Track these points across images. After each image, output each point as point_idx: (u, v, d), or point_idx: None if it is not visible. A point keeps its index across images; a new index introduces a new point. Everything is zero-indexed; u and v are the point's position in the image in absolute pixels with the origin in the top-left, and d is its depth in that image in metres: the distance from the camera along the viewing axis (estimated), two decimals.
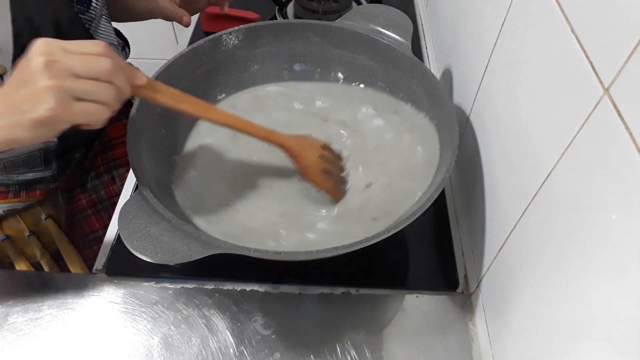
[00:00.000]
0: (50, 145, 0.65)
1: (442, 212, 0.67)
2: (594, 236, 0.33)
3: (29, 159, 0.64)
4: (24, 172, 0.66)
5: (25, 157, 0.64)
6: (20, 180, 0.66)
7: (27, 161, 0.64)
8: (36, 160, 0.65)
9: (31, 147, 0.64)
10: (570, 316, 0.36)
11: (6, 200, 0.67)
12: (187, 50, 0.64)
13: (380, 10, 0.67)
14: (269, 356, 0.53)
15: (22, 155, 0.63)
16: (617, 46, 0.31)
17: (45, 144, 0.65)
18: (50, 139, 0.53)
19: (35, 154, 0.64)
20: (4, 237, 0.70)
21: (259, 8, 0.95)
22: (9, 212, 0.68)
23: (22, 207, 0.69)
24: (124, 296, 0.58)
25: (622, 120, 0.30)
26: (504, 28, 0.51)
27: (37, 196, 0.69)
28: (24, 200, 0.68)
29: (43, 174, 0.67)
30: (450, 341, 0.55)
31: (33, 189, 0.68)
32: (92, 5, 0.64)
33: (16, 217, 0.70)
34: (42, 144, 0.65)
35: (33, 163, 0.65)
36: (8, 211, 0.68)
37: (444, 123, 0.57)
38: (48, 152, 0.65)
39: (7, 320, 0.55)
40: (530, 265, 0.43)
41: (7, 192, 0.67)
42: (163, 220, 0.46)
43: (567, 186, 0.37)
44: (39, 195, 0.69)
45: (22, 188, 0.67)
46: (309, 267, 0.60)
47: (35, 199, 0.69)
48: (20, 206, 0.69)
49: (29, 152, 0.63)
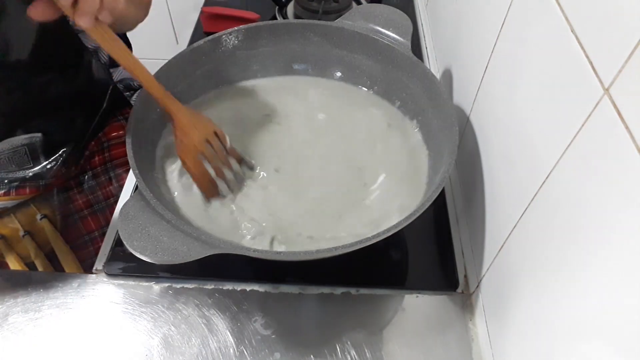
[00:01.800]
0: (35, 140, 0.64)
1: (442, 212, 0.67)
2: (593, 236, 0.33)
3: (13, 154, 0.63)
4: (13, 170, 0.65)
5: (9, 152, 0.63)
6: (9, 178, 0.66)
7: (12, 157, 0.64)
8: (22, 156, 0.64)
9: (14, 143, 0.63)
10: (570, 316, 0.36)
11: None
12: (187, 50, 0.64)
13: (380, 10, 0.67)
14: (269, 356, 0.53)
15: (6, 151, 0.63)
16: (617, 46, 0.31)
17: (29, 139, 0.64)
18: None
19: (20, 149, 0.63)
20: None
21: (259, 8, 0.95)
22: (1, 211, 0.68)
23: (13, 205, 0.69)
24: (124, 296, 0.58)
25: (622, 120, 0.30)
26: (504, 28, 0.51)
27: (27, 194, 0.68)
28: (14, 198, 0.68)
29: (32, 171, 0.67)
30: (450, 341, 0.55)
31: (22, 187, 0.68)
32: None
33: (11, 217, 0.70)
34: (25, 139, 0.64)
35: (20, 160, 0.65)
36: (0, 210, 0.68)
37: (443, 123, 0.57)
38: (34, 148, 0.65)
39: (7, 320, 0.55)
40: (530, 265, 0.43)
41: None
42: (163, 221, 0.46)
43: (567, 186, 0.37)
44: (29, 193, 0.69)
45: (11, 186, 0.67)
46: (309, 267, 0.60)
47: (25, 197, 0.69)
48: (10, 204, 0.68)
49: (12, 148, 0.63)
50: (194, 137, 0.56)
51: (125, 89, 0.83)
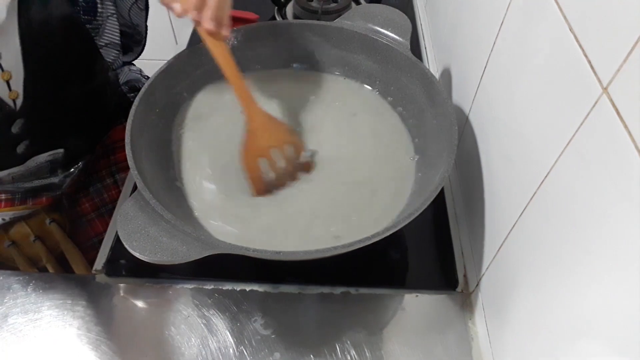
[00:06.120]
0: (58, 156, 0.65)
1: (441, 211, 0.67)
2: (592, 235, 0.33)
3: (37, 170, 0.64)
4: (30, 180, 0.66)
5: (34, 169, 0.64)
6: (27, 188, 0.66)
7: (34, 172, 0.65)
8: (44, 170, 0.65)
9: (40, 160, 0.64)
10: (569, 315, 0.36)
11: (12, 207, 0.67)
12: (187, 50, 0.64)
13: (380, 10, 0.67)
14: (268, 356, 0.53)
15: (32, 168, 0.64)
16: (616, 45, 0.31)
17: (52, 156, 0.65)
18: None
19: (44, 165, 0.65)
20: (9, 242, 0.70)
21: (259, 8, 0.95)
22: (15, 219, 0.69)
23: (28, 213, 0.69)
24: (124, 296, 0.58)
25: (621, 119, 0.30)
26: (502, 27, 0.51)
27: (43, 203, 0.69)
28: (30, 207, 0.69)
29: (49, 181, 0.67)
30: (450, 340, 0.55)
31: (39, 196, 0.69)
32: (97, 11, 0.64)
33: (21, 223, 0.70)
34: (49, 155, 0.65)
35: (40, 173, 0.66)
36: (13, 218, 0.68)
37: (443, 122, 0.57)
38: (56, 163, 0.65)
39: (7, 321, 0.55)
40: (529, 264, 0.43)
41: (12, 200, 0.67)
42: (162, 221, 0.46)
43: (565, 185, 0.37)
44: (45, 202, 0.69)
45: (28, 196, 0.68)
46: (308, 267, 0.60)
47: (41, 206, 0.69)
48: (26, 213, 0.69)
49: (37, 165, 0.64)
50: (260, 142, 0.57)
51: (130, 91, 0.83)
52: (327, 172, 0.61)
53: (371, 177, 0.61)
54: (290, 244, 0.54)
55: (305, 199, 0.58)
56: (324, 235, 0.55)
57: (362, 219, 0.56)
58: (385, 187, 0.59)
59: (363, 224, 0.55)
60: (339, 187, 0.60)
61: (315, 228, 0.56)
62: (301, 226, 0.56)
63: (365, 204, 0.58)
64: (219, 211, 0.56)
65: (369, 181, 0.60)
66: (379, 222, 0.55)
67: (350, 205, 0.58)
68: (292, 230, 0.56)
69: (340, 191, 0.59)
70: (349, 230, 0.55)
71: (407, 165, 0.61)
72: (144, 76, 0.89)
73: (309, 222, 0.56)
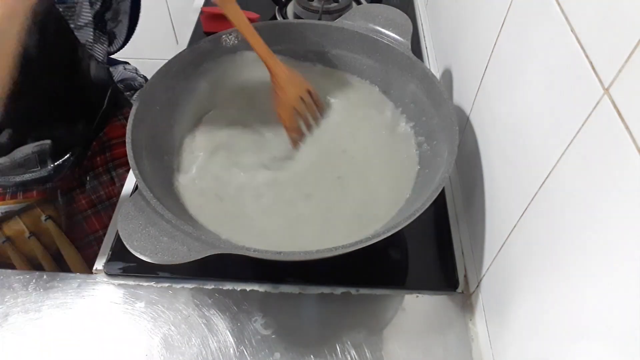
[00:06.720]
0: (45, 147, 0.65)
1: (442, 211, 0.67)
2: (593, 236, 0.33)
3: (25, 162, 0.64)
4: (20, 174, 0.66)
5: (21, 160, 0.64)
6: (17, 182, 0.66)
7: (22, 164, 0.65)
8: (32, 162, 0.65)
9: (26, 151, 0.64)
10: (570, 316, 0.36)
11: (3, 202, 0.67)
12: (187, 50, 0.64)
13: (380, 10, 0.67)
14: (269, 356, 0.53)
15: (18, 159, 0.64)
16: (617, 46, 0.31)
17: (39, 147, 0.65)
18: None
19: (31, 157, 0.65)
20: (4, 238, 0.70)
21: (259, 8, 0.95)
22: (8, 214, 0.69)
23: (20, 208, 0.69)
24: (124, 296, 0.58)
25: (622, 120, 0.30)
26: (504, 28, 0.51)
27: (34, 197, 0.69)
28: (21, 201, 0.68)
29: (39, 174, 0.67)
30: (450, 341, 0.55)
31: (30, 190, 0.68)
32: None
33: (16, 219, 0.70)
34: (36, 146, 0.65)
35: (29, 165, 0.65)
36: (6, 213, 0.68)
37: (443, 122, 0.57)
38: (43, 154, 0.65)
39: (7, 320, 0.55)
40: (530, 265, 0.43)
41: (4, 194, 0.67)
42: (163, 221, 0.46)
43: (567, 186, 0.37)
44: (36, 196, 0.69)
45: (18, 189, 0.68)
46: (309, 267, 0.60)
47: (32, 200, 0.69)
48: (17, 207, 0.69)
49: (24, 156, 0.64)
50: (290, 94, 0.62)
51: (126, 89, 0.83)
52: (326, 171, 0.61)
53: (371, 176, 0.61)
54: (291, 244, 0.54)
55: (305, 199, 0.58)
56: (324, 235, 0.55)
57: (362, 219, 0.56)
58: (385, 186, 0.59)
59: (363, 224, 0.55)
60: (338, 185, 0.60)
61: (316, 228, 0.56)
62: (301, 226, 0.56)
63: (365, 204, 0.58)
64: (219, 211, 0.56)
65: (368, 181, 0.60)
66: (379, 223, 0.55)
67: (350, 204, 0.58)
68: (292, 231, 0.56)
69: (339, 190, 0.59)
70: (348, 230, 0.55)
71: (407, 165, 0.61)
72: (140, 75, 0.89)
73: (309, 222, 0.56)
